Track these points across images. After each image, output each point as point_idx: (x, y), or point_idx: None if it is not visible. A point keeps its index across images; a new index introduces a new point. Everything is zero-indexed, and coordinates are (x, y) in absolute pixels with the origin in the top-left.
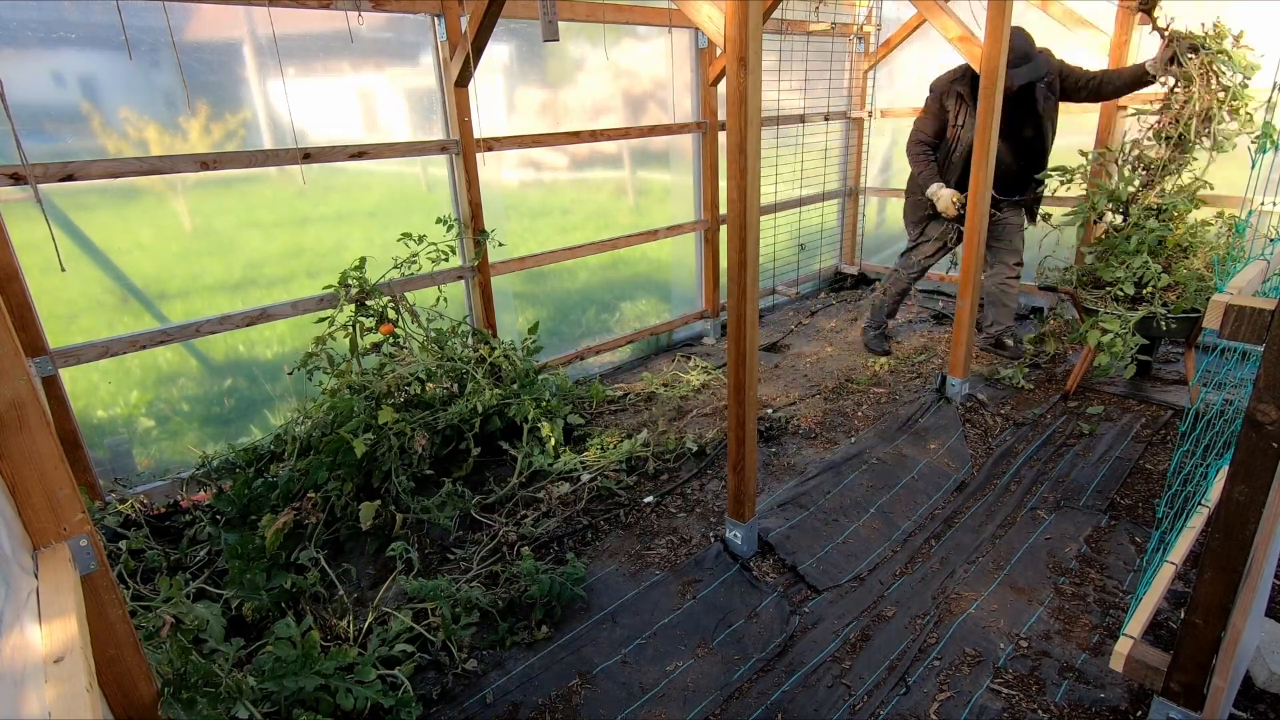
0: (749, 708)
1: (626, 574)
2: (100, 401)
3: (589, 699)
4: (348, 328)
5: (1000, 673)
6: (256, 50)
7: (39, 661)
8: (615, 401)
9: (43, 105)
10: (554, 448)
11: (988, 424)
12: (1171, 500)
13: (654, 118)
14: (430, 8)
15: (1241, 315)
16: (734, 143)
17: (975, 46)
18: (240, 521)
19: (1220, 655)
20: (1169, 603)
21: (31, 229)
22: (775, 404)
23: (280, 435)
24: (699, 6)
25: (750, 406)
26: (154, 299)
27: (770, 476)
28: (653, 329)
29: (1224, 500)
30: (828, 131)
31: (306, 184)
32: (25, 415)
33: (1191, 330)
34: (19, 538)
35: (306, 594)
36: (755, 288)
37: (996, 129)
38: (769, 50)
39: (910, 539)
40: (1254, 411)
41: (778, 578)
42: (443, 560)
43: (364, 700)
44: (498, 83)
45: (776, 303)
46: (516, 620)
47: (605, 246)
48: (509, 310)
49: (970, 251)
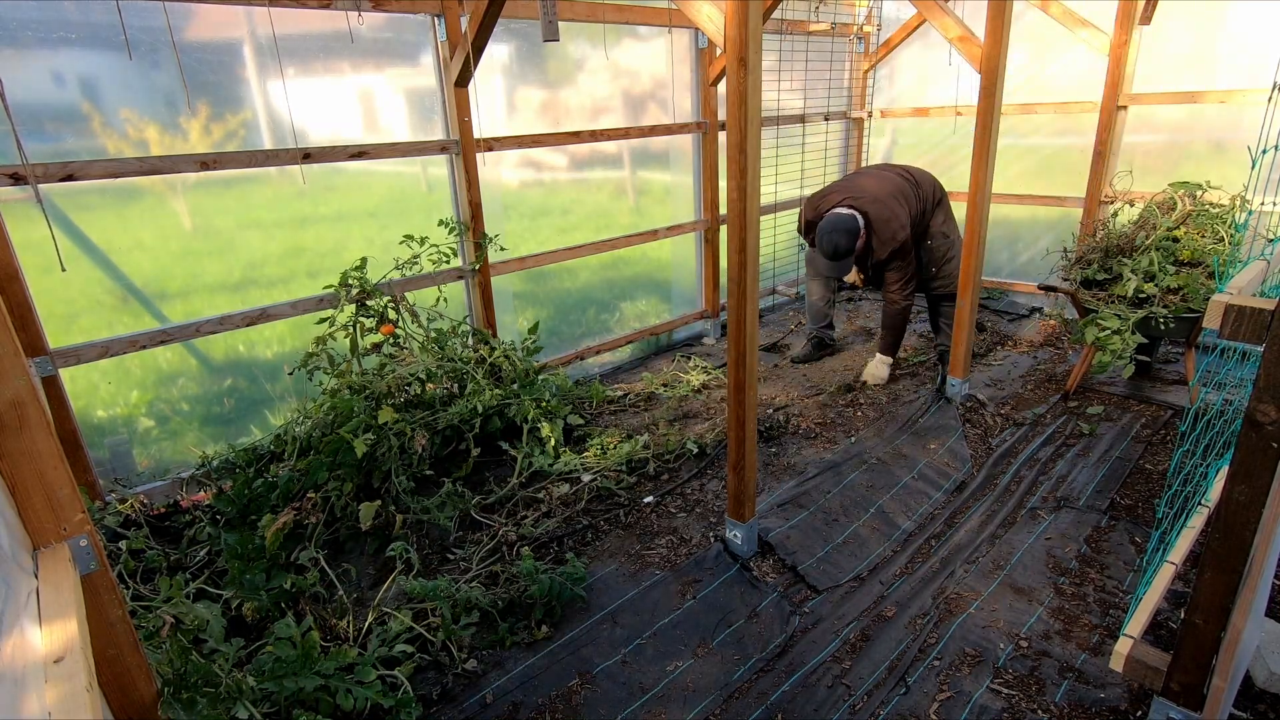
0: (749, 708)
1: (626, 574)
2: (100, 401)
3: (589, 699)
4: (348, 328)
5: (1000, 673)
6: (256, 50)
7: (39, 661)
8: (615, 401)
9: (43, 105)
10: (554, 448)
11: (988, 424)
12: (1171, 500)
13: (654, 118)
14: (430, 8)
15: (1241, 315)
16: (734, 142)
17: (975, 46)
18: (240, 521)
19: (1220, 655)
20: (1169, 603)
21: (31, 229)
22: (775, 404)
23: (280, 435)
24: (699, 6)
25: (750, 406)
26: (154, 299)
27: (770, 476)
28: (653, 329)
29: (1224, 500)
30: (828, 131)
31: (306, 184)
32: (25, 415)
33: (1191, 330)
34: (19, 538)
35: (306, 594)
36: (755, 288)
37: (997, 129)
38: (769, 50)
39: (910, 539)
40: (1254, 411)
41: (778, 578)
42: (443, 560)
43: (364, 701)
44: (498, 83)
45: (776, 303)
46: (516, 620)
47: (605, 246)
48: (509, 310)
49: (970, 251)
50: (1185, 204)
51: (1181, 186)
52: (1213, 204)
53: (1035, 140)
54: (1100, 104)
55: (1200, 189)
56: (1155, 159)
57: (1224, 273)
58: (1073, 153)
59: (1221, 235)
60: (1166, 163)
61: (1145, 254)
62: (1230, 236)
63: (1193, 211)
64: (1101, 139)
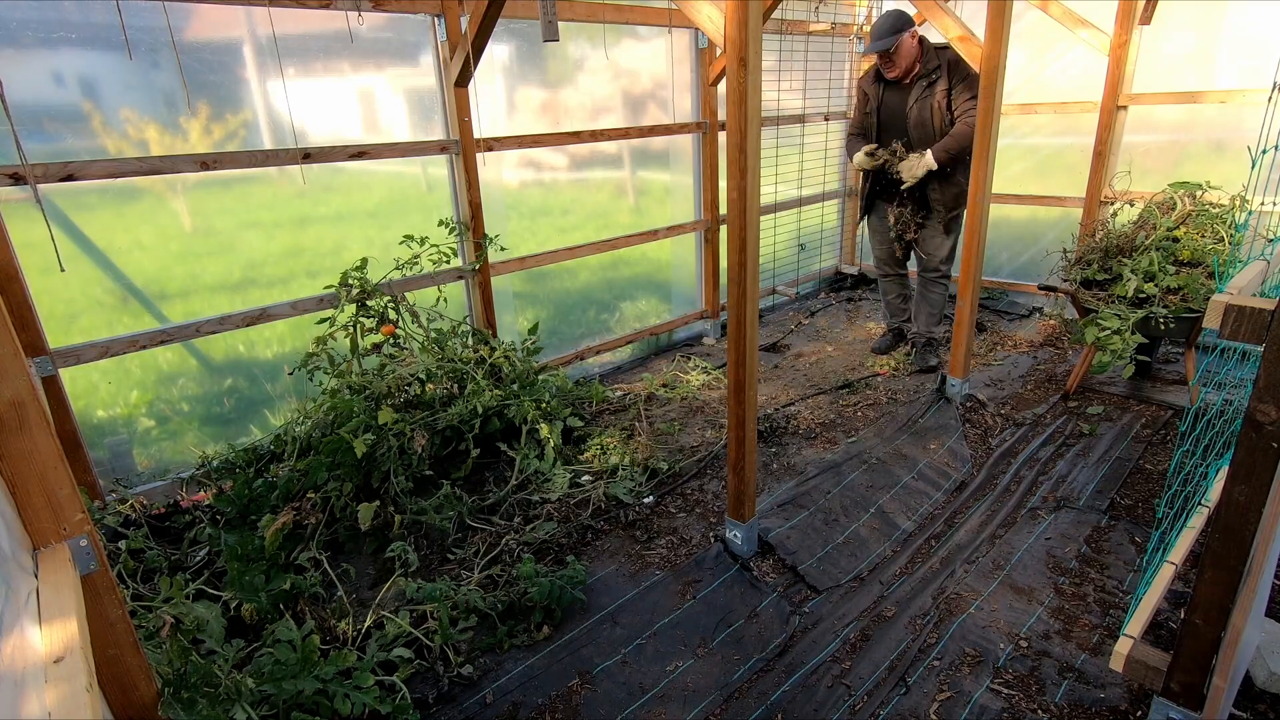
0: (749, 708)
1: (626, 574)
2: (100, 401)
3: (589, 699)
4: (348, 328)
5: (1000, 673)
6: (256, 50)
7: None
8: (615, 402)
9: (43, 105)
10: (554, 449)
11: (988, 424)
12: (1171, 500)
13: (654, 118)
14: (430, 8)
15: (1241, 315)
16: (734, 142)
17: (975, 46)
18: (240, 521)
19: (1220, 655)
20: (1169, 603)
21: (31, 229)
22: (775, 404)
23: (280, 435)
24: (699, 6)
25: (750, 406)
26: (154, 299)
27: (770, 476)
28: (653, 329)
29: (1224, 500)
30: (828, 131)
31: (306, 184)
32: (25, 415)
33: (1191, 330)
34: (19, 538)
35: (305, 595)
36: (755, 288)
37: (997, 128)
38: (769, 50)
39: (910, 539)
40: (1254, 411)
41: (778, 578)
42: (443, 561)
43: (361, 706)
44: (498, 83)
45: (776, 303)
46: (516, 623)
47: (605, 247)
48: (509, 310)
49: (970, 251)
50: (1185, 204)
51: (1181, 186)
52: (1213, 204)
53: (1035, 140)
54: (1100, 104)
55: (1200, 189)
56: (1155, 159)
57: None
58: (1073, 153)
59: (1221, 235)
60: (1166, 163)
61: (1145, 254)
62: (1230, 237)
63: (1193, 212)
64: (1101, 139)
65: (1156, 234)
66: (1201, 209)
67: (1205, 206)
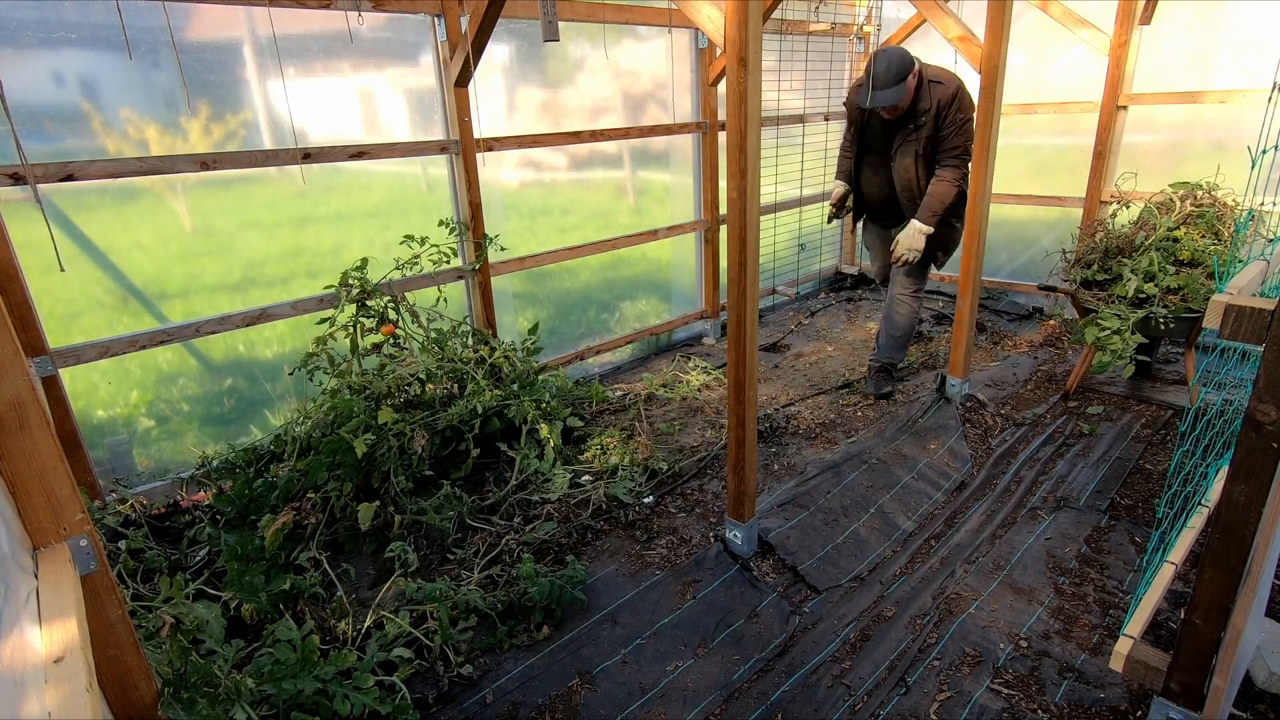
0: (749, 708)
1: (626, 574)
2: (100, 401)
3: (589, 699)
4: (348, 328)
5: (1000, 673)
6: (256, 50)
7: (39, 662)
8: (615, 402)
9: (43, 105)
10: (554, 449)
11: (988, 424)
12: (1171, 500)
13: (654, 118)
14: (430, 8)
15: (1241, 315)
16: (734, 143)
17: (975, 46)
18: (240, 521)
19: (1220, 655)
20: (1169, 603)
21: (31, 229)
22: (775, 404)
23: (280, 435)
24: (699, 6)
25: (750, 406)
26: (154, 299)
27: (770, 476)
28: (653, 329)
29: (1224, 500)
30: (828, 131)
31: (306, 184)
32: (25, 415)
33: (1191, 330)
34: (19, 538)
35: (305, 595)
36: (755, 288)
37: (997, 128)
38: (769, 50)
39: (910, 539)
40: (1254, 411)
41: (778, 578)
42: (443, 561)
43: (361, 706)
44: (498, 83)
45: (776, 303)
46: (516, 623)
47: (605, 247)
48: (509, 310)
49: (970, 252)
50: (1184, 205)
51: (1181, 187)
52: (1212, 204)
53: (1035, 140)
54: (1100, 104)
55: (1200, 189)
56: (1155, 159)
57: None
58: (1073, 153)
59: (1221, 235)
60: (1166, 163)
61: (1145, 254)
62: (1230, 237)
63: (1192, 212)
64: (1101, 139)
65: (1156, 234)
66: (1201, 209)
67: (1205, 207)
